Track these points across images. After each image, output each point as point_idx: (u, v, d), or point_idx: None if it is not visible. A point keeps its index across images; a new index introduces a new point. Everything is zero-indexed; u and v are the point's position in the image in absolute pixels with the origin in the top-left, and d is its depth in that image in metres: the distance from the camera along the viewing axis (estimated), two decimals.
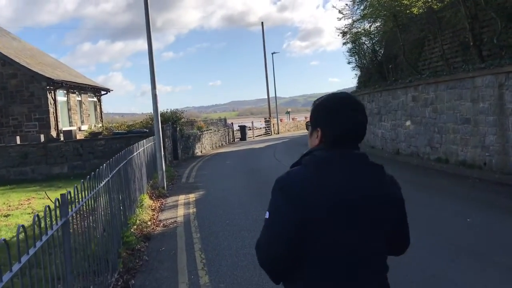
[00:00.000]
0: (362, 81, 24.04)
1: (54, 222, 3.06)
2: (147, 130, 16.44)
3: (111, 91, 25.84)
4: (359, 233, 1.62)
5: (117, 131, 17.29)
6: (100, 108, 25.06)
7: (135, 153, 8.89)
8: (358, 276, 1.62)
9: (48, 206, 3.12)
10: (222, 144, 28.84)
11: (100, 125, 22.69)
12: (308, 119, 1.84)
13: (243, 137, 33.35)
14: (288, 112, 53.26)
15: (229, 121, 35.41)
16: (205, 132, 24.99)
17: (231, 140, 32.43)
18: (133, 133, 16.79)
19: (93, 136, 16.77)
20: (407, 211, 1.82)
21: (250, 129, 36.37)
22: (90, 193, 4.09)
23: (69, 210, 3.49)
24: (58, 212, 3.16)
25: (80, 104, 22.18)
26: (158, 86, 11.55)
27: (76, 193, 3.73)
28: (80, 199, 3.76)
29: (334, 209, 1.59)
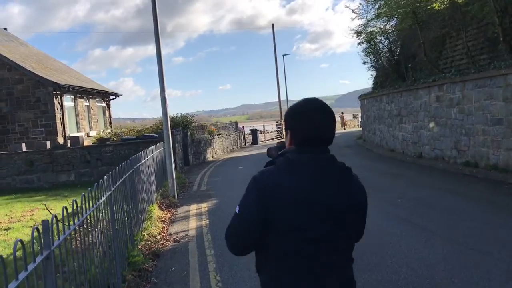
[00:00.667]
0: (379, 82, 23.24)
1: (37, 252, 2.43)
2: (157, 136, 15.81)
3: (120, 96, 25.35)
4: (323, 232, 1.78)
5: (125, 136, 16.69)
6: (109, 113, 24.54)
7: (143, 161, 8.22)
8: (318, 271, 1.79)
9: (37, 229, 2.52)
10: (233, 148, 28.17)
11: (109, 130, 22.16)
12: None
13: (254, 141, 32.64)
14: None
15: (240, 125, 34.75)
16: (216, 136, 24.34)
17: (243, 144, 31.75)
18: (142, 139, 16.17)
19: (100, 142, 16.18)
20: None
21: (261, 133, 35.67)
22: (83, 215, 3.39)
23: (66, 230, 2.84)
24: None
25: (88, 109, 21.67)
26: (167, 90, 10.91)
27: (66, 216, 3.03)
28: (70, 224, 3.05)
29: (302, 208, 1.75)
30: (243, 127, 34.57)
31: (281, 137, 37.92)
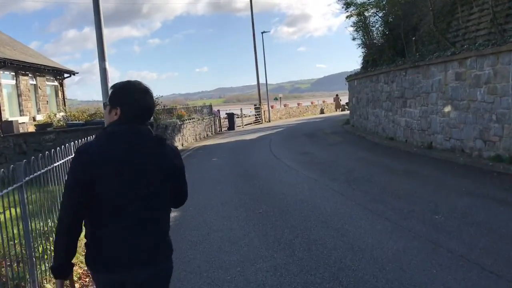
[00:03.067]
0: (370, 60, 20.63)
1: None
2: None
3: (76, 73, 22.09)
4: (138, 192, 2.09)
5: (72, 121, 13.68)
6: (63, 94, 21.28)
7: (59, 162, 5.38)
8: (136, 227, 2.09)
9: None
10: (207, 135, 25.30)
11: (62, 114, 18.92)
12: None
13: (231, 126, 29.84)
14: (276, 99, 49.78)
15: (215, 108, 31.83)
16: (187, 121, 21.42)
17: (218, 130, 28.90)
18: (93, 125, 13.23)
19: (40, 128, 13.14)
20: None
21: (238, 117, 32.85)
22: None
23: None
24: None
25: (36, 88, 18.43)
26: (143, 72, 8.48)
27: None
28: None
29: (119, 170, 2.05)
30: (219, 110, 31.63)
31: (259, 121, 35.21)
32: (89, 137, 8.43)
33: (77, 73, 22.16)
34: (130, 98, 2.14)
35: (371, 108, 17.46)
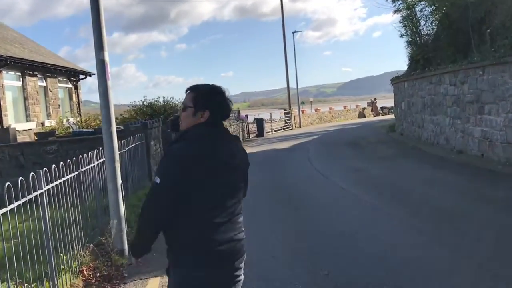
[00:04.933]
0: (422, 59, 18.00)
1: None
2: (122, 128, 10.75)
3: (92, 74, 20.18)
4: (231, 186, 2.21)
5: (78, 129, 11.60)
6: (78, 97, 19.37)
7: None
8: (232, 222, 2.19)
9: None
10: None
11: (78, 119, 16.96)
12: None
13: (260, 133, 27.51)
14: (303, 103, 47.20)
15: (243, 113, 29.61)
16: None
17: (246, 136, 26.61)
18: (102, 133, 11.10)
19: (40, 137, 11.09)
20: None
21: (268, 122, 30.51)
22: None
23: None
24: None
25: (45, 91, 16.55)
26: (170, 77, 7.26)
27: None
28: None
29: (220, 170, 2.15)
30: (247, 115, 29.38)
31: (289, 126, 32.82)
32: (96, 150, 6.35)
33: (94, 74, 20.21)
34: (217, 101, 2.23)
35: (429, 114, 14.86)
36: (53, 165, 4.76)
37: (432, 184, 8.90)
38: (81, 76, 19.66)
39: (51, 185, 4.55)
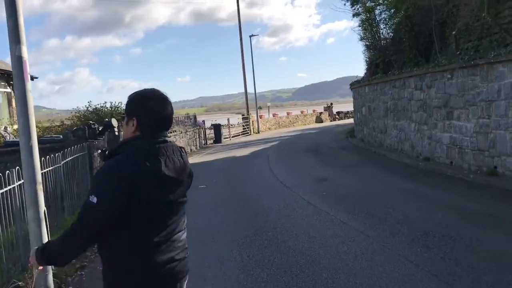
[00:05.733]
0: (381, 63, 17.67)
1: None
2: (61, 137, 9.50)
3: (35, 78, 18.52)
4: (172, 203, 2.03)
5: (10, 140, 10.21)
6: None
7: None
8: (172, 241, 2.03)
9: None
10: (191, 149, 21.91)
11: (16, 127, 15.27)
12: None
13: (217, 139, 26.50)
14: (261, 108, 46.55)
15: (199, 119, 28.49)
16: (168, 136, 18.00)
17: (203, 143, 25.51)
18: (43, 143, 9.78)
19: None
20: None
21: (225, 127, 29.55)
22: None
23: None
24: None
25: None
26: (124, 81, 5.86)
27: None
28: None
29: (156, 184, 1.94)
30: (204, 121, 28.26)
31: (248, 132, 32.00)
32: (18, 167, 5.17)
33: (37, 77, 18.63)
34: (146, 107, 2.01)
35: (392, 119, 14.41)
36: None
37: (408, 196, 8.19)
38: None
39: None
